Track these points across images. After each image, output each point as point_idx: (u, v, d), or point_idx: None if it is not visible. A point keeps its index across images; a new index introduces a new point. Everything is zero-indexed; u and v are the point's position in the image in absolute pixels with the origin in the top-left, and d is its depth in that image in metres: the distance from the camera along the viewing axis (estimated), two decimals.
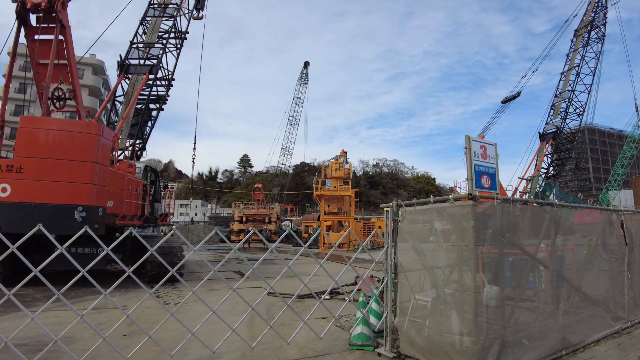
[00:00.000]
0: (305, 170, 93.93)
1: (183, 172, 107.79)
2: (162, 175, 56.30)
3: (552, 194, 25.21)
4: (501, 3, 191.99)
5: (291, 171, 77.44)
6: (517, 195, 24.63)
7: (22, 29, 10.72)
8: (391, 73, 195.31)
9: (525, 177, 25.98)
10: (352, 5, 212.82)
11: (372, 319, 6.10)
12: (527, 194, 25.53)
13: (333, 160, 34.48)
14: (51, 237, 4.25)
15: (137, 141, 17.32)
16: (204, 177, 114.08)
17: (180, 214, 77.24)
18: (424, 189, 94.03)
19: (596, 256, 6.90)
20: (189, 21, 18.45)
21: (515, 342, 5.15)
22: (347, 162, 34.95)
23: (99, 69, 54.49)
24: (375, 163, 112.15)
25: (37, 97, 10.91)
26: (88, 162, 9.71)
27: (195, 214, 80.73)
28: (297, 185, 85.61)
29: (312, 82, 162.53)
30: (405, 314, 5.38)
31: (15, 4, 10.31)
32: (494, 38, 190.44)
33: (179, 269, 11.75)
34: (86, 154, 9.72)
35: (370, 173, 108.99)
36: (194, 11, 19.54)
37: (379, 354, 5.42)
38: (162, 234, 11.32)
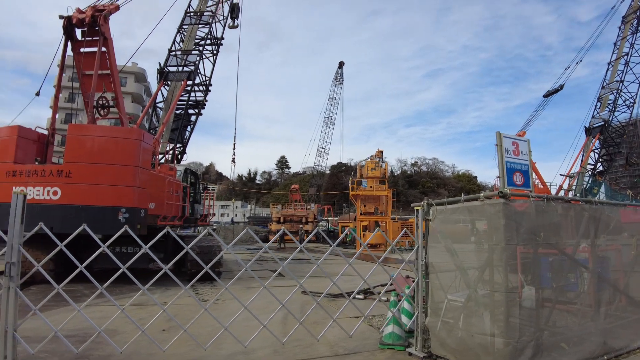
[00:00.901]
0: (342, 171, 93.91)
1: (224, 175, 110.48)
2: (203, 178, 57.76)
3: (599, 192, 23.94)
4: None
5: (328, 172, 77.64)
6: (562, 193, 23.56)
7: (69, 43, 11.49)
8: (429, 70, 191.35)
9: (570, 175, 24.78)
10: (387, 4, 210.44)
11: (404, 319, 6.07)
12: (572, 192, 24.37)
13: (368, 159, 34.24)
14: (95, 237, 4.55)
15: (178, 145, 17.99)
16: (244, 178, 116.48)
17: (222, 215, 79.32)
18: (465, 187, 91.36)
19: None
20: (224, 27, 18.97)
21: (552, 345, 4.98)
22: (383, 162, 34.63)
23: (140, 77, 56.79)
24: (413, 162, 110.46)
25: (84, 105, 11.62)
26: (130, 166, 10.25)
27: (236, 215, 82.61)
28: (334, 186, 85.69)
29: (348, 82, 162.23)
30: (437, 314, 5.33)
31: (62, 20, 11.06)
32: (535, 29, 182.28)
33: (218, 268, 12.19)
34: (128, 158, 10.27)
35: (409, 172, 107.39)
36: (229, 20, 20.04)
37: (410, 354, 5.40)
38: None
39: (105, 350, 5.20)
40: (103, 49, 11.39)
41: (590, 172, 26.09)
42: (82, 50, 11.53)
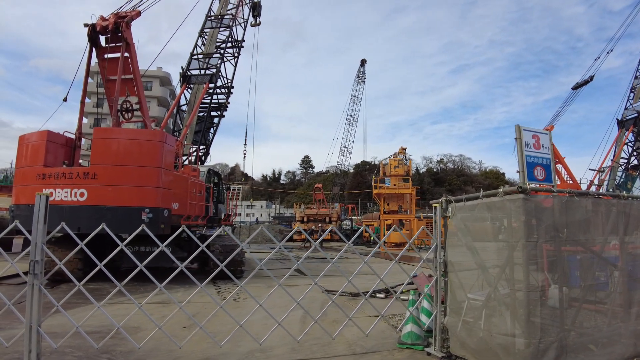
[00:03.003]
0: (366, 169, 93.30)
1: (249, 175, 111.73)
2: (229, 179, 58.34)
3: (633, 187, 22.89)
4: None
5: (351, 170, 77.33)
6: (593, 189, 22.66)
7: (94, 49, 11.89)
8: (455, 66, 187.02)
9: (601, 169, 23.79)
10: (410, 1, 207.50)
11: (424, 318, 5.98)
12: (605, 187, 23.40)
13: (391, 157, 33.89)
14: (113, 236, 4.66)
15: (201, 147, 18.30)
16: (268, 179, 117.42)
17: (247, 215, 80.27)
18: (493, 184, 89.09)
19: None
20: (244, 30, 19.19)
21: (578, 347, 4.79)
22: (406, 159, 34.22)
23: (165, 81, 57.84)
24: (439, 159, 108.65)
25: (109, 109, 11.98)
26: (153, 168, 10.49)
27: (261, 215, 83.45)
28: (358, 185, 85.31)
29: (372, 81, 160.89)
30: (458, 313, 5.22)
31: (87, 28, 11.45)
32: (565, 21, 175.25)
33: (240, 267, 12.33)
34: (151, 160, 10.51)
35: (435, 170, 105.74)
36: (251, 18, 20.26)
37: (429, 354, 5.31)
38: (225, 234, 11.91)
39: (127, 346, 5.33)
40: (126, 54, 11.73)
41: (623, 167, 24.98)
42: (106, 56, 11.91)
